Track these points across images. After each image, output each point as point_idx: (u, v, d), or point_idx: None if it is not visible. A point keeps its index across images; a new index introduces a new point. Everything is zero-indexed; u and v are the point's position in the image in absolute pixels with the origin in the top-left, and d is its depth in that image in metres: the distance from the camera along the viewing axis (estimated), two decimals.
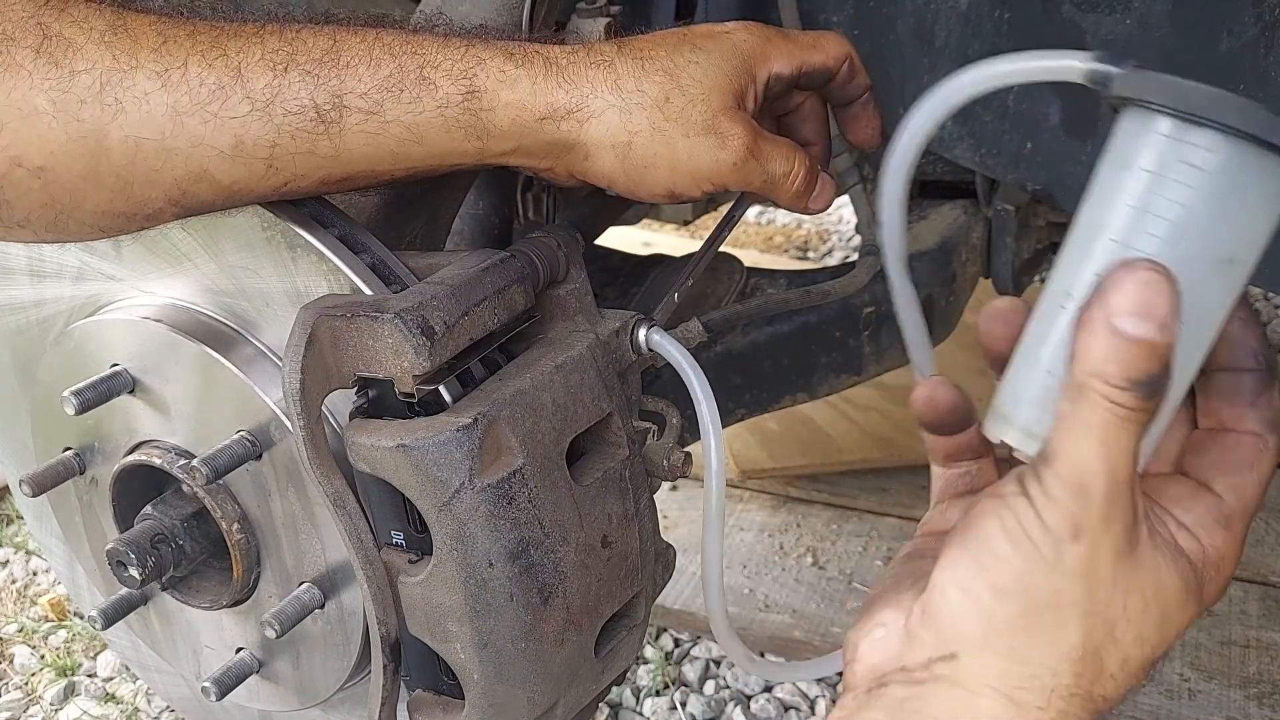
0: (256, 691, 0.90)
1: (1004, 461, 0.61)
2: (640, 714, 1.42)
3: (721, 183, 0.75)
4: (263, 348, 0.78)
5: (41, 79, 0.63)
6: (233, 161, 0.67)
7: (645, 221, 1.73)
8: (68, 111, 0.64)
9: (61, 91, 0.63)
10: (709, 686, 1.46)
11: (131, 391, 0.82)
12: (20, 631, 1.64)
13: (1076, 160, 0.91)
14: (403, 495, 0.69)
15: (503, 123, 0.71)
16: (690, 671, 1.47)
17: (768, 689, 1.45)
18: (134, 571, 0.81)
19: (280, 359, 0.73)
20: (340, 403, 0.73)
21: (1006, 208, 1.25)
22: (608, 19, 0.84)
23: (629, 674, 1.46)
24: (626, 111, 0.72)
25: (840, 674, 0.56)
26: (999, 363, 0.55)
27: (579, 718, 0.83)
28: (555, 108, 0.71)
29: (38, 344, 0.89)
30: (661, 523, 0.90)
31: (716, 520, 0.79)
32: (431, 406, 0.69)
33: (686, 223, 1.66)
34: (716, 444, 0.78)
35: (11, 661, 1.58)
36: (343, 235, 0.74)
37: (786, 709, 1.41)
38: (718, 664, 1.50)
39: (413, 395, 0.69)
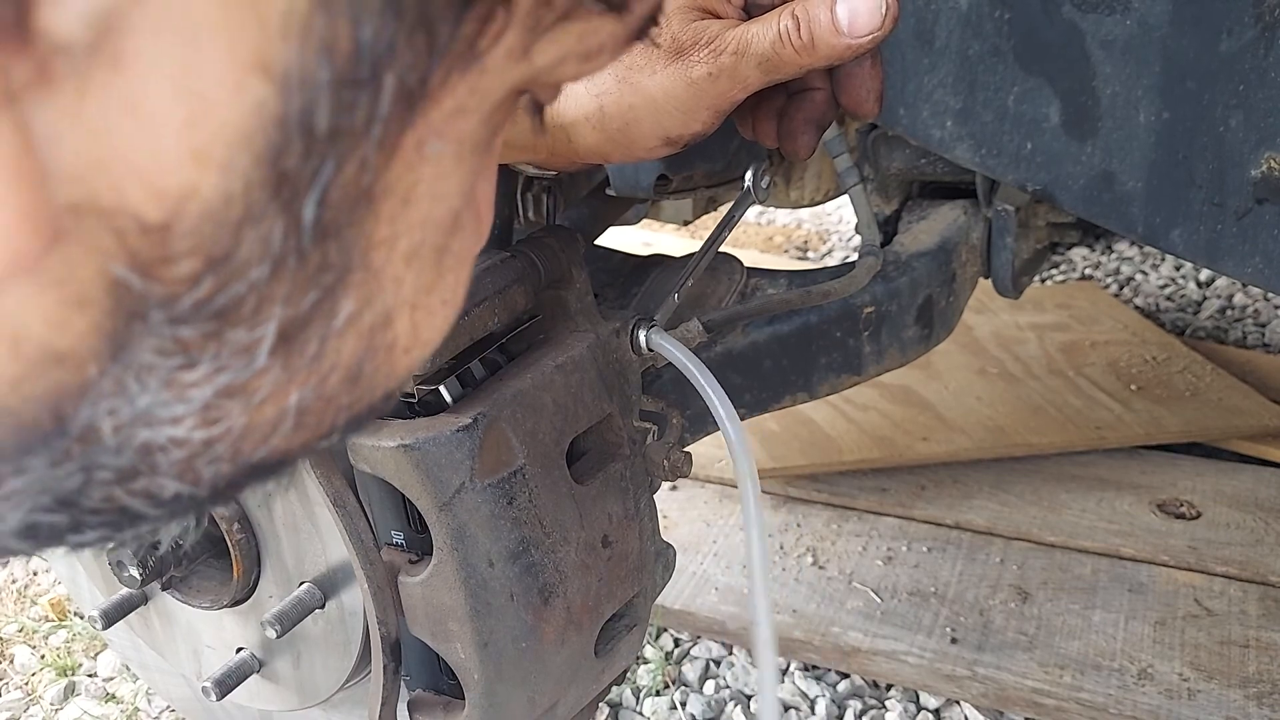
0: (257, 691, 0.90)
1: None
2: (640, 714, 1.42)
3: (714, 101, 0.67)
4: None
5: None
6: None
7: (645, 221, 1.73)
8: None
9: None
10: (709, 686, 1.46)
11: None
12: (20, 631, 1.64)
13: (1076, 160, 0.92)
14: (403, 495, 0.69)
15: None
16: (690, 671, 1.47)
17: None
18: (134, 571, 0.81)
19: None
20: None
21: (1006, 208, 1.25)
22: None
23: (629, 674, 1.46)
24: (590, 76, 0.69)
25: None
26: None
27: (579, 718, 0.83)
28: None
29: None
30: (661, 523, 0.90)
31: (756, 522, 0.73)
32: (432, 406, 0.69)
33: (686, 223, 1.66)
34: (739, 437, 0.73)
35: (11, 661, 1.58)
36: None
37: (786, 709, 1.41)
38: (718, 664, 1.50)
39: (413, 395, 0.69)
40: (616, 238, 1.32)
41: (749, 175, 0.85)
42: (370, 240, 0.26)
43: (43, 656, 1.59)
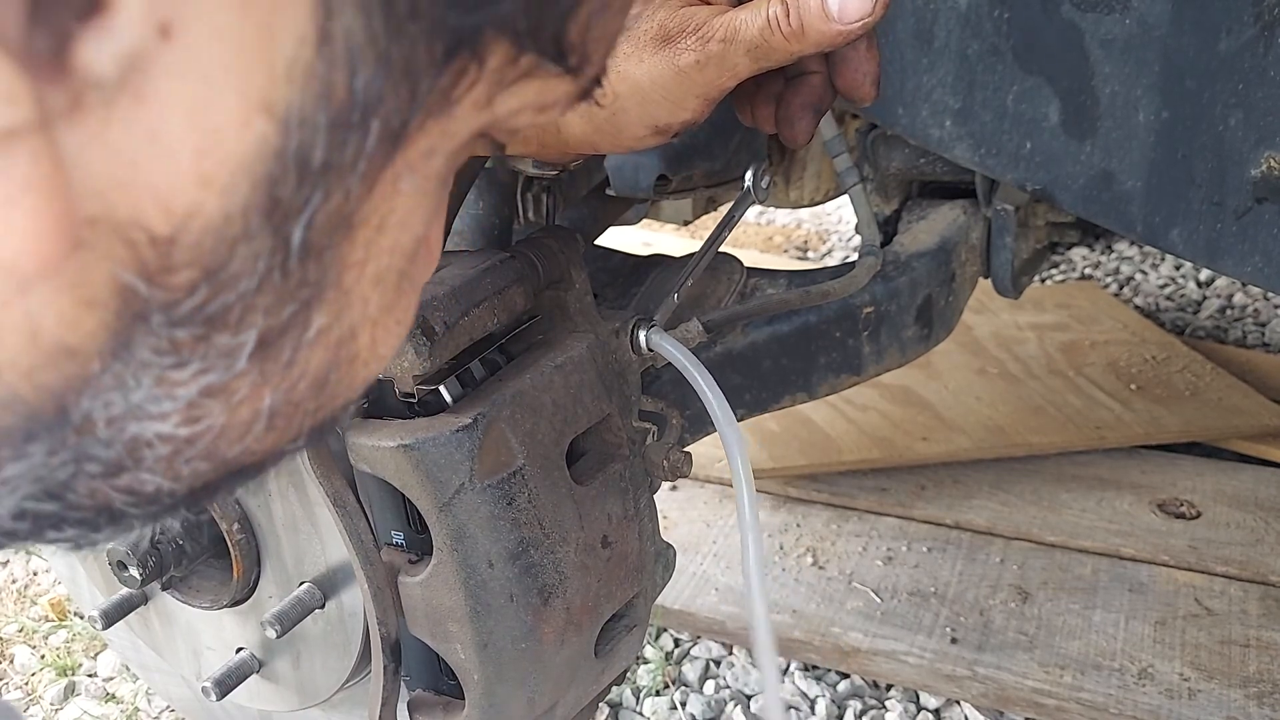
0: (257, 691, 0.90)
1: None
2: (640, 714, 1.42)
3: (703, 90, 0.65)
4: None
5: None
6: None
7: (645, 221, 1.73)
8: None
9: None
10: (709, 686, 1.46)
11: None
12: (20, 631, 1.64)
13: (1076, 159, 0.92)
14: (403, 495, 0.69)
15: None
16: (690, 671, 1.47)
17: None
18: (134, 571, 0.81)
19: None
20: None
21: (1006, 208, 1.25)
22: None
23: (629, 674, 1.46)
24: None
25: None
26: None
27: (579, 718, 0.83)
28: None
29: None
30: (661, 523, 0.90)
31: (752, 523, 0.73)
32: (432, 407, 0.69)
33: (686, 223, 1.66)
34: (736, 439, 0.73)
35: (11, 661, 1.58)
36: None
37: (787, 709, 1.41)
38: (717, 664, 1.50)
39: (413, 395, 0.69)
40: (616, 238, 1.32)
41: (749, 175, 0.85)
42: (345, 262, 0.29)
43: (43, 656, 1.59)
